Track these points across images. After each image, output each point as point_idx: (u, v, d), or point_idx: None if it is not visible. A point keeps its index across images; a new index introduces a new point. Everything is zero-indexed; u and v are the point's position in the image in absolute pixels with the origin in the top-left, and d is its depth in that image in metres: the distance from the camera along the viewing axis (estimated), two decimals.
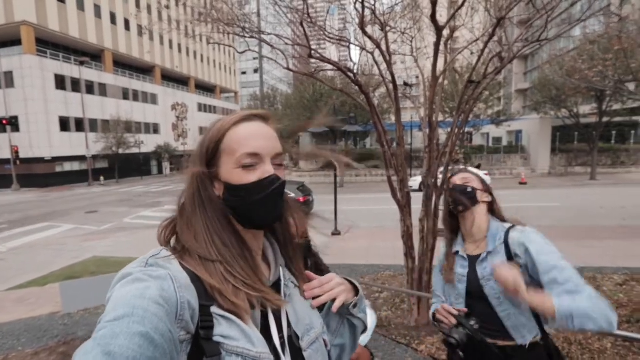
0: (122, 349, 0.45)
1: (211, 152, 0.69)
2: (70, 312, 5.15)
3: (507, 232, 1.40)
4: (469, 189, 1.49)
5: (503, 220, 1.49)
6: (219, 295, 0.61)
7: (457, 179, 1.54)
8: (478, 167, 1.72)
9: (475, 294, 1.40)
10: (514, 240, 1.36)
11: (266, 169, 0.68)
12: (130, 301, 0.51)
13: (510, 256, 1.35)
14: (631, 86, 11.33)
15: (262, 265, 0.75)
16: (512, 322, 1.33)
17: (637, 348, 3.14)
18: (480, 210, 1.49)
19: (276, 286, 0.73)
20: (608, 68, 9.19)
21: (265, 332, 0.65)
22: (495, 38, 3.58)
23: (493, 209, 1.53)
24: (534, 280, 1.31)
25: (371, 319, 1.45)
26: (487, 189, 1.53)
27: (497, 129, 25.85)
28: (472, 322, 1.31)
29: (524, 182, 19.14)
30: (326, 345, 0.76)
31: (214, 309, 0.60)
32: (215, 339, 0.58)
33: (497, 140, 29.20)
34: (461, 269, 1.47)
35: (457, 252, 1.52)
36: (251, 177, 0.67)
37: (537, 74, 27.34)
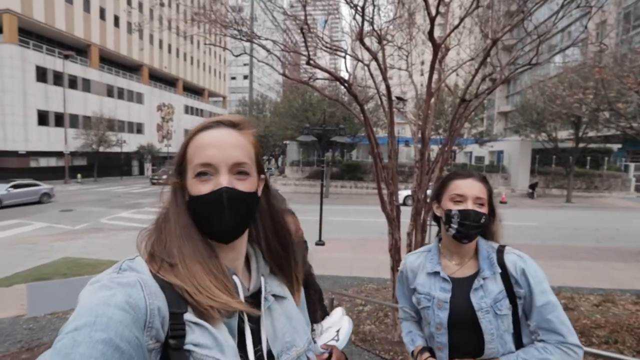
0: (83, 358, 0.43)
1: (179, 160, 0.69)
2: (37, 315, 4.85)
3: (498, 254, 1.22)
4: (483, 219, 1.20)
5: (485, 237, 1.29)
6: (189, 298, 0.60)
7: (470, 199, 1.21)
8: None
9: (461, 325, 1.19)
10: (514, 266, 1.18)
11: (219, 181, 0.65)
12: (93, 309, 0.49)
13: (509, 283, 1.17)
14: (607, 114, 11.89)
15: (244, 275, 0.72)
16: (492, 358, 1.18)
17: None
18: None
19: (256, 297, 0.70)
20: (587, 96, 9.61)
21: (242, 344, 0.63)
22: (488, 59, 3.67)
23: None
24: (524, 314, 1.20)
25: (347, 325, 1.37)
26: (491, 204, 1.27)
27: (480, 149, 26.55)
28: None
29: (504, 201, 19.60)
30: None
31: (187, 316, 0.59)
32: (187, 347, 0.56)
33: (479, 159, 29.96)
34: (442, 292, 1.23)
35: (436, 273, 1.27)
36: (204, 188, 0.65)
37: (519, 98, 28.41)
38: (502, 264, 1.20)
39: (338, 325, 1.31)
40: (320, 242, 9.01)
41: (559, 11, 3.26)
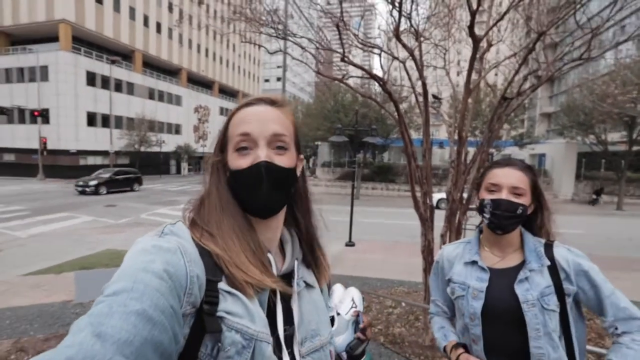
0: (114, 330, 0.44)
1: (221, 138, 0.71)
2: (83, 301, 5.17)
3: (547, 247, 1.16)
4: (520, 210, 1.14)
5: (533, 232, 1.23)
6: (225, 267, 0.61)
7: (505, 188, 1.15)
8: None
9: (499, 318, 1.13)
10: (565, 260, 1.12)
11: (258, 154, 0.66)
12: (133, 274, 0.50)
13: (558, 279, 1.10)
14: None
15: (277, 256, 0.72)
16: None
17: None
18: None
19: (287, 279, 0.70)
20: None
21: (271, 320, 0.64)
22: (532, 56, 3.47)
23: (532, 219, 1.21)
24: (579, 309, 1.14)
25: (356, 292, 1.33)
26: (538, 196, 1.21)
27: (519, 151, 25.27)
28: None
29: None
30: (331, 358, 0.72)
31: (221, 285, 0.60)
32: (219, 314, 0.57)
33: None
34: (478, 282, 1.18)
35: (474, 262, 1.22)
36: (244, 162, 0.66)
37: (564, 98, 26.79)
38: (550, 257, 1.13)
39: (348, 296, 1.28)
40: (350, 243, 8.94)
41: (616, 1, 3.01)
